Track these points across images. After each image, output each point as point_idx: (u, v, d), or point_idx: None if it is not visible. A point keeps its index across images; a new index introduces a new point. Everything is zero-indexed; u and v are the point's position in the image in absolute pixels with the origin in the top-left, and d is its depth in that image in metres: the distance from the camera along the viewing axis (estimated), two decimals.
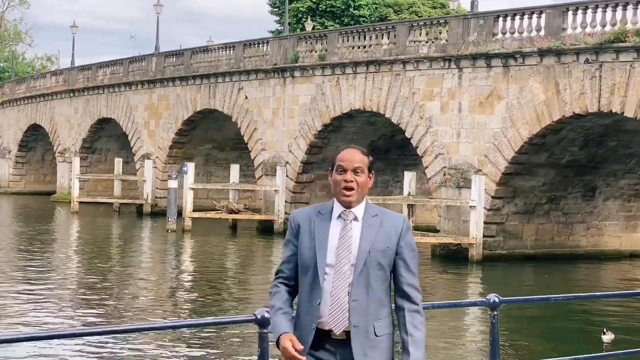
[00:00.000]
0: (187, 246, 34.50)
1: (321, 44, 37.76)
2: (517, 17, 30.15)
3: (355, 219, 5.11)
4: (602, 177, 31.72)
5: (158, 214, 43.87)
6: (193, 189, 38.01)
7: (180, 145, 45.98)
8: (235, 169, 39.04)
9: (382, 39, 34.88)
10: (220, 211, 38.66)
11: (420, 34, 33.39)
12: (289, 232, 5.20)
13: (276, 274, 5.26)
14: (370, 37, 35.53)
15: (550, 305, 20.19)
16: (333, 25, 61.13)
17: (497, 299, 6.43)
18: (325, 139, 37.49)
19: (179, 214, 37.77)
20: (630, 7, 27.31)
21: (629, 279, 28.55)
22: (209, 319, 14.03)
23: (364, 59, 34.92)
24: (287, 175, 38.15)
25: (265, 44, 41.26)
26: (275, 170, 38.18)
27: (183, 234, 36.76)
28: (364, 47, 35.56)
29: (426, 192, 33.57)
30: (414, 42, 33.41)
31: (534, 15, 29.67)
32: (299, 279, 5.17)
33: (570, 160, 30.48)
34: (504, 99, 29.89)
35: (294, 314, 5.19)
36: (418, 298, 5.13)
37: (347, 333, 5.03)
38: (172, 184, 37.98)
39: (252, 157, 40.85)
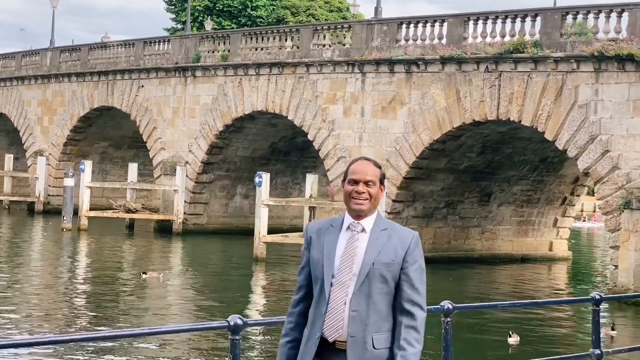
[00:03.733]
0: (84, 246, 33.74)
1: (224, 44, 37.59)
2: (420, 25, 30.76)
3: (363, 230, 5.14)
4: (497, 183, 32.68)
5: (50, 212, 42.83)
6: (90, 187, 37.27)
7: (75, 143, 45.00)
8: (133, 168, 38.49)
9: (286, 41, 35.01)
10: (117, 210, 38.06)
11: (324, 37, 33.68)
12: (304, 243, 5.27)
13: (297, 287, 5.35)
14: (274, 39, 35.61)
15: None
16: (230, 25, 60.94)
17: (450, 306, 6.63)
18: (226, 139, 37.35)
19: (75, 212, 36.96)
20: (528, 19, 28.27)
21: (522, 282, 29.48)
22: (182, 326, 13.54)
23: (267, 61, 34.95)
24: (186, 175, 37.83)
25: (166, 43, 40.78)
26: (175, 169, 37.80)
27: (79, 233, 36.00)
28: (267, 48, 35.60)
29: (327, 195, 33.85)
30: (318, 45, 33.68)
31: (437, 24, 30.34)
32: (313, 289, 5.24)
33: (468, 166, 31.30)
34: (406, 105, 30.45)
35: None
36: (418, 315, 5.10)
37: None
38: (69, 182, 37.11)
39: (150, 156, 40.31)
